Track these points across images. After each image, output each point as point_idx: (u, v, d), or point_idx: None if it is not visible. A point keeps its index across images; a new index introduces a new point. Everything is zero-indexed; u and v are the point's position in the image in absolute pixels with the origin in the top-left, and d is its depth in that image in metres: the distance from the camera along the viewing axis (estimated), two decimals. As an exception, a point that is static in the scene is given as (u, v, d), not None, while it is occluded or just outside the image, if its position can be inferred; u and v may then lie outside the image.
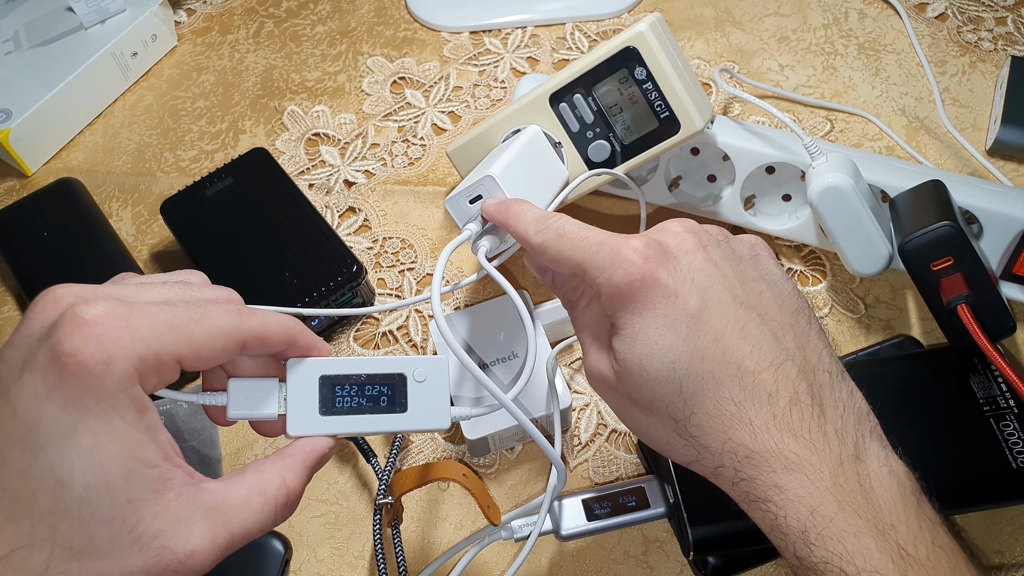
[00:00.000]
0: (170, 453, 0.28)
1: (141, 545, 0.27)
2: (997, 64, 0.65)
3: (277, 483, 0.31)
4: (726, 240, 0.37)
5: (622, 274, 0.33)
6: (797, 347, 0.33)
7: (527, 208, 0.40)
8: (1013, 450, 0.43)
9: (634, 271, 0.33)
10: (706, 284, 0.33)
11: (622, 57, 0.48)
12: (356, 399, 0.34)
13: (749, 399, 0.32)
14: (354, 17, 0.73)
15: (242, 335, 0.30)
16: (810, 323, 0.35)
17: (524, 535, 0.43)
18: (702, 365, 0.32)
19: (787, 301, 0.35)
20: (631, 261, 0.33)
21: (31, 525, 0.26)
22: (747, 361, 0.32)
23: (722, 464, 0.32)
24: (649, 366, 0.33)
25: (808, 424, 0.31)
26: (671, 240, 0.35)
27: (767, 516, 0.31)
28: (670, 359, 0.32)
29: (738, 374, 0.32)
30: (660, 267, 0.33)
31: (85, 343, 0.26)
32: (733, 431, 0.32)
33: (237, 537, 0.29)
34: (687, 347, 0.32)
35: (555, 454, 0.37)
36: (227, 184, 0.58)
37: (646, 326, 0.33)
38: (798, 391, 0.32)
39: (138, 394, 0.27)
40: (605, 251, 0.34)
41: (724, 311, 0.33)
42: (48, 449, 0.26)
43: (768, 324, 0.33)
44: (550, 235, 0.37)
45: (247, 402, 0.32)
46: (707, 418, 0.32)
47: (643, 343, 0.33)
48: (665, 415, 0.33)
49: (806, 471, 0.30)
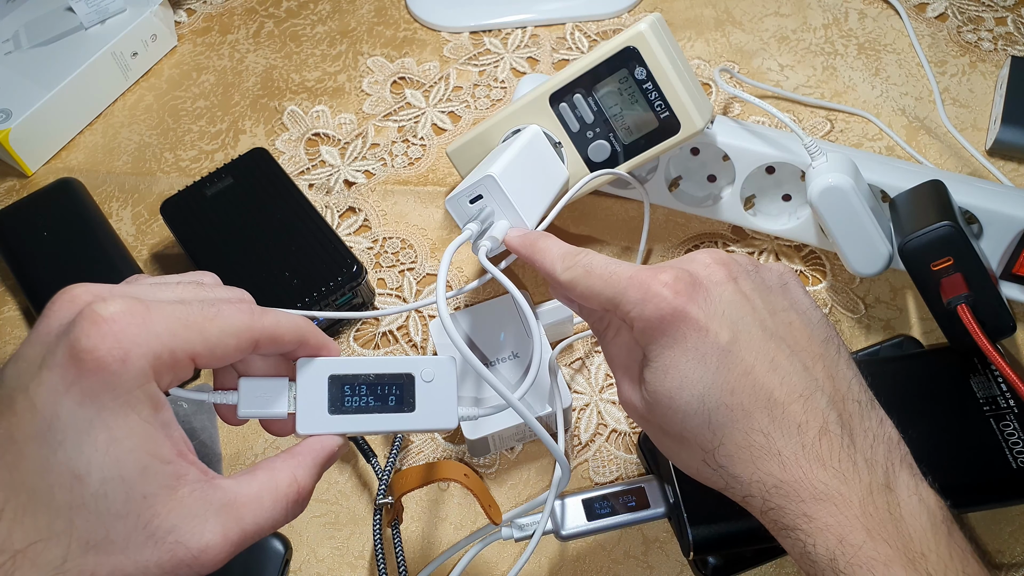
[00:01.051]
0: (184, 450, 0.29)
1: (156, 540, 0.27)
2: (997, 64, 0.65)
3: (288, 480, 0.31)
4: (755, 270, 0.36)
5: (653, 309, 0.33)
6: (827, 376, 0.34)
7: (552, 244, 0.39)
8: (1013, 450, 0.43)
9: (664, 305, 0.33)
10: (736, 316, 0.34)
11: (622, 57, 0.48)
12: (365, 398, 0.34)
13: (778, 430, 0.32)
14: (354, 17, 0.73)
15: (255, 334, 0.31)
16: (839, 352, 0.35)
17: (525, 535, 0.43)
18: (731, 398, 0.32)
19: (817, 330, 0.35)
20: (661, 295, 0.33)
21: (48, 519, 0.26)
22: (777, 393, 0.32)
23: (751, 493, 0.32)
24: (679, 398, 0.33)
25: (837, 454, 0.32)
26: (701, 271, 0.35)
27: (796, 544, 0.31)
28: (700, 392, 0.33)
29: (768, 406, 0.32)
30: (690, 300, 0.33)
31: (103, 340, 0.26)
32: (762, 461, 0.32)
33: (249, 533, 0.29)
34: (717, 380, 0.32)
35: (559, 451, 0.37)
36: (227, 184, 0.58)
37: (677, 359, 0.33)
38: (828, 421, 0.32)
39: (153, 391, 0.28)
40: (635, 286, 0.34)
41: (754, 343, 0.33)
42: (66, 444, 0.26)
43: (798, 355, 0.34)
44: (578, 272, 0.37)
45: (258, 401, 0.33)
46: (736, 449, 0.32)
47: (673, 376, 0.33)
48: (694, 445, 0.33)
49: (835, 500, 0.31)
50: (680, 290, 0.33)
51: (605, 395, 0.52)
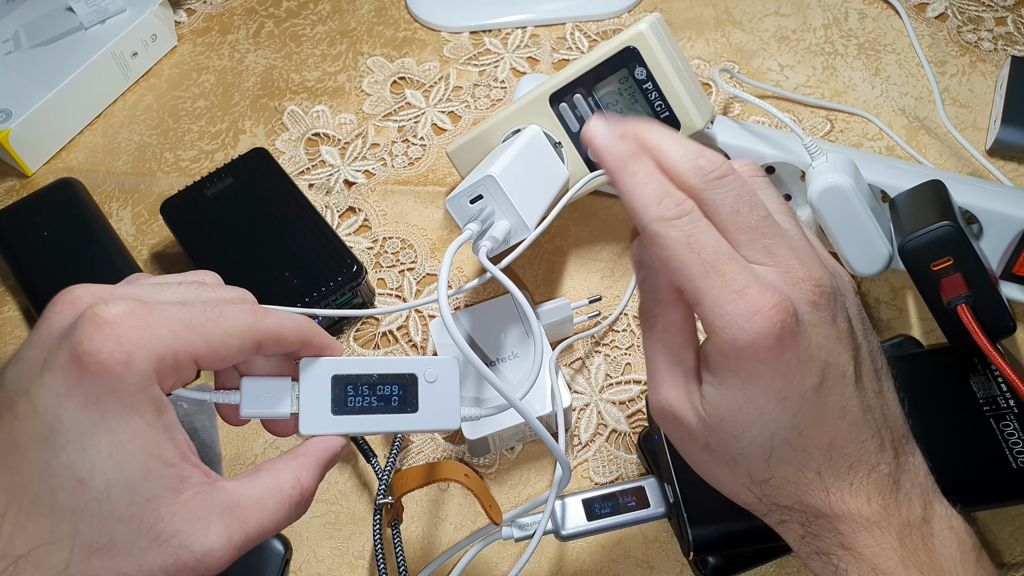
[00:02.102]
0: (187, 452, 0.29)
1: (160, 544, 0.27)
2: (997, 64, 0.65)
3: (291, 482, 0.31)
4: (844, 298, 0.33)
5: (747, 338, 0.29)
6: (882, 416, 0.33)
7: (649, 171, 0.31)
8: (1013, 450, 0.43)
9: (761, 341, 0.29)
10: (826, 361, 0.31)
11: (622, 57, 0.48)
12: (368, 399, 0.34)
13: (831, 470, 0.32)
14: (354, 17, 0.73)
15: (258, 335, 0.31)
16: (887, 381, 0.34)
17: (525, 535, 0.43)
18: (799, 439, 0.31)
19: (878, 361, 0.34)
20: (760, 328, 0.29)
21: (51, 523, 0.26)
22: (839, 438, 0.31)
23: (789, 519, 0.32)
24: (748, 431, 0.31)
25: (882, 491, 0.32)
26: (804, 308, 0.30)
27: (827, 568, 0.32)
28: (771, 431, 0.31)
29: (828, 448, 0.31)
30: (791, 342, 0.30)
31: (105, 343, 0.26)
32: (807, 495, 0.32)
33: (253, 536, 0.29)
34: (792, 423, 0.31)
35: (560, 450, 0.37)
36: (227, 184, 0.58)
37: (756, 396, 0.30)
38: (879, 462, 0.32)
39: (157, 393, 0.28)
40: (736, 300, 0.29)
41: (834, 391, 0.31)
42: (68, 448, 0.26)
43: (862, 395, 0.32)
44: (677, 236, 0.30)
45: (260, 401, 0.33)
46: (785, 483, 0.32)
47: (748, 412, 0.31)
48: (743, 471, 0.32)
49: (874, 534, 0.31)
50: (785, 333, 0.29)
51: (605, 395, 0.52)
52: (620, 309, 0.55)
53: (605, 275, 0.57)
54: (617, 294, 0.56)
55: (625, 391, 0.52)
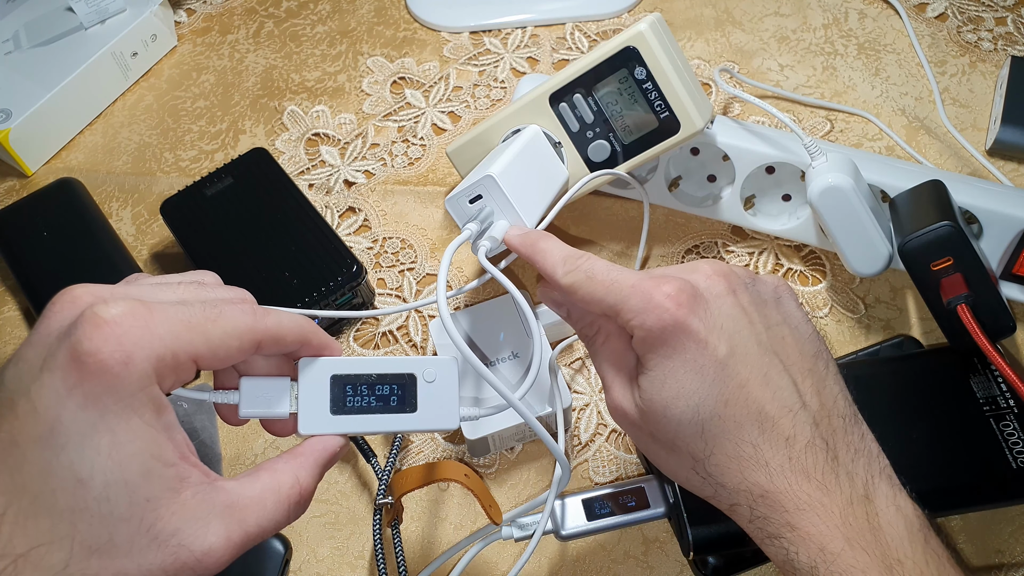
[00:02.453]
0: (186, 452, 0.29)
1: (159, 543, 0.27)
2: (997, 64, 0.65)
3: (290, 482, 0.31)
4: (752, 282, 0.37)
5: (655, 319, 0.34)
6: (814, 392, 0.35)
7: (554, 245, 0.40)
8: (1013, 450, 0.43)
9: (667, 317, 0.34)
10: (734, 330, 0.34)
11: (622, 57, 0.48)
12: (367, 399, 0.34)
13: (767, 442, 0.33)
14: (354, 17, 0.73)
15: (257, 335, 0.31)
16: (828, 367, 0.36)
17: (525, 535, 0.43)
18: (725, 409, 0.33)
19: (807, 346, 0.36)
20: (663, 306, 0.34)
21: (51, 523, 0.26)
22: (768, 407, 0.33)
23: (738, 502, 0.34)
24: (675, 408, 0.34)
25: (821, 467, 0.33)
26: (702, 283, 0.35)
27: (780, 552, 0.32)
28: (695, 403, 0.33)
29: (759, 419, 0.33)
30: (691, 313, 0.34)
31: (105, 343, 0.26)
32: (749, 472, 0.33)
33: (252, 535, 0.29)
34: (712, 392, 0.33)
35: (559, 450, 0.37)
36: (227, 184, 0.58)
37: (675, 370, 0.34)
38: (814, 436, 0.33)
39: (156, 393, 0.28)
40: (638, 295, 0.35)
41: (750, 358, 0.34)
42: (68, 448, 0.26)
43: (788, 370, 0.35)
44: (579, 277, 0.37)
45: (259, 400, 0.33)
46: (725, 459, 0.33)
47: (671, 386, 0.34)
48: (685, 454, 0.34)
49: (817, 511, 0.32)
50: (682, 302, 0.34)
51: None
52: (620, 309, 0.55)
53: (605, 275, 0.57)
54: (617, 294, 0.56)
55: (625, 391, 0.52)
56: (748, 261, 0.57)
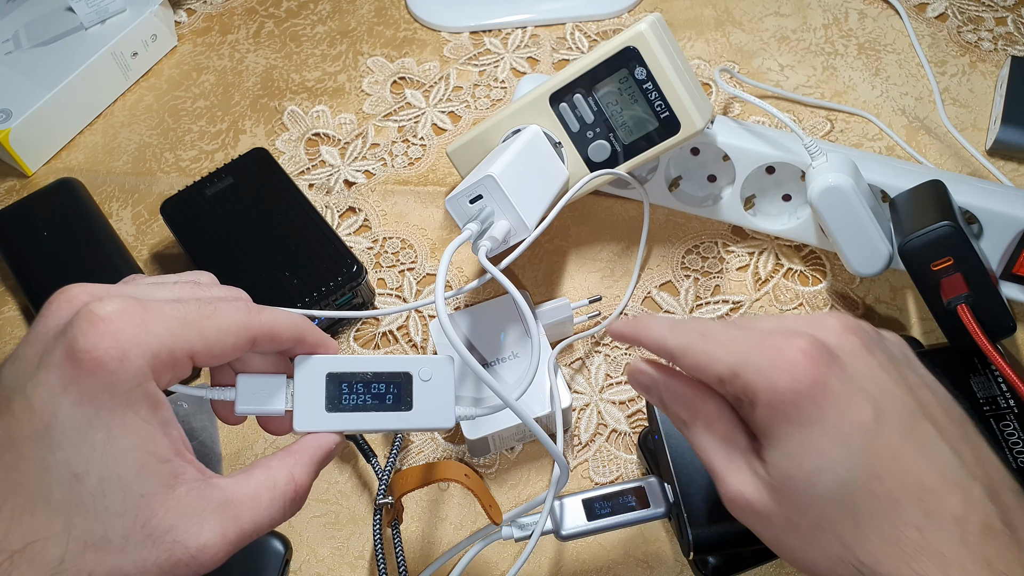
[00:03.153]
0: (182, 449, 0.29)
1: (154, 540, 0.27)
2: (997, 64, 0.65)
3: (285, 479, 0.31)
4: (881, 339, 0.33)
5: (788, 379, 0.29)
6: (976, 462, 0.30)
7: (660, 318, 0.36)
8: (1013, 450, 0.43)
9: (802, 376, 0.29)
10: (877, 392, 0.30)
11: (622, 57, 0.48)
12: (362, 397, 0.34)
13: (933, 525, 0.28)
14: (354, 17, 0.73)
15: (252, 331, 0.31)
16: (977, 433, 0.32)
17: (525, 534, 0.43)
18: (879, 485, 0.29)
19: (953, 409, 0.32)
20: (797, 363, 0.29)
21: (47, 518, 0.26)
22: (928, 481, 0.29)
23: None
24: (820, 484, 0.29)
25: (1006, 556, 0.28)
26: (832, 339, 0.31)
27: None
28: (843, 477, 0.29)
29: (920, 496, 0.28)
30: (829, 372, 0.29)
31: (100, 340, 0.27)
32: (918, 561, 0.28)
33: (247, 532, 0.29)
34: (862, 464, 0.29)
35: (557, 450, 0.37)
36: (227, 184, 0.58)
37: (814, 439, 0.29)
38: (989, 516, 0.28)
39: (152, 390, 0.28)
40: (763, 353, 0.30)
41: (898, 423, 0.29)
42: (64, 444, 0.26)
43: (944, 437, 0.30)
44: (691, 337, 0.33)
45: (255, 397, 0.33)
46: (883, 545, 0.28)
47: (812, 458, 0.29)
48: (832, 539, 0.29)
49: None
50: (818, 358, 0.29)
51: (605, 395, 0.52)
52: (620, 309, 0.55)
53: (605, 275, 0.57)
54: (617, 294, 0.56)
55: (625, 391, 0.52)
56: (748, 261, 0.57)
